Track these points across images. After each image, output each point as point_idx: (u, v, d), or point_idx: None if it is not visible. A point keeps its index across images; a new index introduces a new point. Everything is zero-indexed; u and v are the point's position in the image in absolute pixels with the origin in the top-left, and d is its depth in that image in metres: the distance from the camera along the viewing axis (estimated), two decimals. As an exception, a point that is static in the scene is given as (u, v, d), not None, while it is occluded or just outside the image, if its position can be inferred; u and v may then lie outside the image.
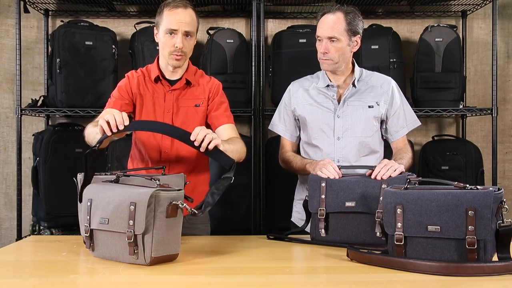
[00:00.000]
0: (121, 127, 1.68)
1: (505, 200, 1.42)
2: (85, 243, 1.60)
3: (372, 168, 1.84)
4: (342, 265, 1.52)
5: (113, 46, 3.03)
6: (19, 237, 2.98)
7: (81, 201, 1.62)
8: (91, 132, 1.87)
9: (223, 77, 2.86)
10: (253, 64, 3.01)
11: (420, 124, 2.26)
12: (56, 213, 2.98)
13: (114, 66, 3.02)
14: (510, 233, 1.40)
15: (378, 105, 2.15)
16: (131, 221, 1.45)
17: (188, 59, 2.09)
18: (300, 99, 2.21)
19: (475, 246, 1.37)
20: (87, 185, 1.61)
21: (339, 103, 2.15)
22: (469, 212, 1.38)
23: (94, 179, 1.65)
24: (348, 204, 1.78)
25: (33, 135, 3.17)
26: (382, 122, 2.20)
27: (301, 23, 3.20)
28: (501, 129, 3.29)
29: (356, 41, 2.12)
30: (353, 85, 2.16)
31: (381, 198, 1.67)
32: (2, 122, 3.34)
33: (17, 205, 2.99)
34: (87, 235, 1.57)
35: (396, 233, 1.47)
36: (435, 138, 3.27)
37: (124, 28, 3.31)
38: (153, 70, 2.08)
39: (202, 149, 1.69)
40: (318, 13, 2.17)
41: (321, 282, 1.37)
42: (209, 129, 1.79)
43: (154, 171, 1.88)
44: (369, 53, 2.96)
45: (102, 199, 1.53)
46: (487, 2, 3.08)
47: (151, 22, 3.04)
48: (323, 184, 1.83)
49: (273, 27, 3.33)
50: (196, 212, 1.54)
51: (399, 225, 1.46)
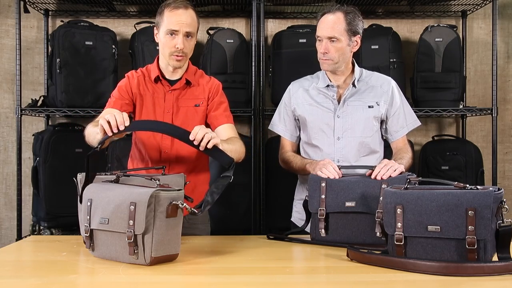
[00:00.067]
0: (121, 127, 1.68)
1: (505, 200, 1.42)
2: (85, 243, 1.60)
3: (372, 168, 1.84)
4: (342, 265, 1.52)
5: (113, 46, 3.03)
6: (19, 237, 2.98)
7: (81, 201, 1.62)
8: (92, 132, 1.87)
9: (223, 77, 2.86)
10: (253, 64, 3.00)
11: (420, 124, 2.26)
12: (56, 213, 2.98)
13: (114, 66, 3.02)
14: (510, 233, 1.40)
15: (378, 105, 2.15)
16: (131, 221, 1.45)
17: (188, 59, 2.09)
18: (300, 99, 2.21)
19: (475, 246, 1.37)
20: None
21: (339, 103, 2.15)
22: (469, 212, 1.38)
23: (94, 179, 1.65)
24: (348, 204, 1.78)
25: (33, 135, 3.17)
26: (382, 122, 2.20)
27: (301, 23, 3.20)
28: (501, 129, 3.29)
29: (356, 41, 2.12)
30: (353, 85, 2.16)
31: (381, 198, 1.67)
32: (2, 122, 3.34)
33: (17, 205, 2.99)
34: (87, 235, 1.57)
35: (396, 233, 1.47)
36: (435, 138, 3.27)
37: (124, 28, 3.31)
38: (153, 70, 2.08)
39: (202, 148, 1.70)
40: (318, 13, 2.17)
41: (321, 282, 1.37)
42: (209, 128, 1.79)
43: (154, 171, 1.88)
44: (369, 53, 2.96)
45: (102, 199, 1.53)
46: (487, 2, 3.08)
47: (151, 22, 3.04)
48: (323, 184, 1.83)
49: (273, 27, 3.33)
50: (196, 211, 1.54)
51: (399, 225, 1.46)
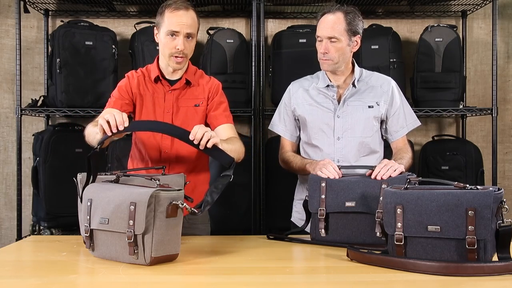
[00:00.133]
0: (121, 127, 1.68)
1: (505, 200, 1.42)
2: (85, 243, 1.60)
3: (372, 168, 1.84)
4: (342, 265, 1.52)
5: (113, 46, 3.03)
6: (19, 237, 2.98)
7: (82, 201, 1.62)
8: (91, 132, 1.87)
9: (223, 77, 2.86)
10: (253, 64, 3.00)
11: (420, 124, 2.26)
12: (56, 213, 2.98)
13: (114, 66, 3.02)
14: (510, 233, 1.40)
15: (378, 105, 2.15)
16: (131, 221, 1.45)
17: (189, 59, 2.09)
18: (300, 99, 2.21)
19: (475, 246, 1.37)
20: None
21: (339, 103, 2.15)
22: (469, 212, 1.38)
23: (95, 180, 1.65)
24: (348, 204, 1.78)
25: (33, 135, 3.17)
26: (382, 122, 2.20)
27: (301, 23, 3.20)
28: (501, 129, 3.29)
29: (356, 41, 2.12)
30: (353, 85, 2.16)
31: (381, 198, 1.67)
32: (2, 122, 3.34)
33: (17, 205, 2.99)
34: (87, 235, 1.57)
35: (396, 233, 1.47)
36: (435, 138, 3.27)
37: (124, 28, 3.31)
38: (153, 70, 2.08)
39: (201, 147, 1.70)
40: (318, 13, 2.17)
41: (321, 282, 1.37)
42: (208, 128, 1.79)
43: (154, 171, 1.88)
44: (369, 53, 2.96)
45: (102, 199, 1.53)
46: (487, 2, 3.08)
47: (151, 22, 3.04)
48: (323, 184, 1.83)
49: (273, 27, 3.32)
50: (196, 211, 1.54)
51: (399, 225, 1.46)
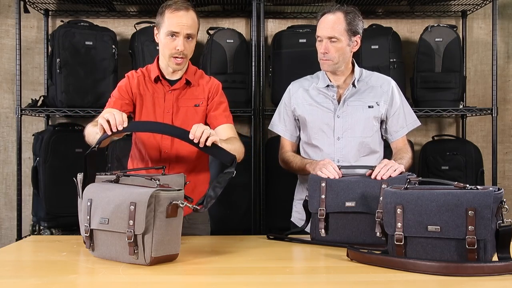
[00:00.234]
0: (120, 127, 1.68)
1: (505, 200, 1.42)
2: (85, 243, 1.60)
3: (372, 168, 1.84)
4: (342, 265, 1.52)
5: (113, 46, 3.03)
6: (19, 237, 2.98)
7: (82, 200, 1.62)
8: (91, 132, 1.88)
9: (223, 77, 2.86)
10: (253, 64, 3.00)
11: (420, 124, 2.26)
12: (56, 213, 2.98)
13: (114, 66, 3.02)
14: (510, 233, 1.40)
15: (378, 105, 2.15)
16: (131, 221, 1.45)
17: (189, 60, 2.09)
18: (300, 99, 2.21)
19: (475, 246, 1.37)
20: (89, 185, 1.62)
21: (339, 103, 2.15)
22: (469, 212, 1.38)
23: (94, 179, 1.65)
24: (348, 204, 1.78)
25: (33, 135, 3.17)
26: (382, 122, 2.20)
27: (301, 23, 3.20)
28: (501, 129, 3.29)
29: (356, 41, 2.12)
30: (353, 85, 2.16)
31: (381, 198, 1.67)
32: (2, 122, 3.34)
33: (17, 205, 2.99)
34: (87, 235, 1.57)
35: (396, 233, 1.47)
36: (435, 138, 3.27)
37: (124, 28, 3.31)
38: (153, 70, 2.08)
39: (201, 144, 1.69)
40: (318, 13, 2.17)
41: (321, 282, 1.37)
42: (207, 126, 1.79)
43: (154, 171, 1.88)
44: (369, 53, 2.96)
45: (102, 199, 1.53)
46: (487, 2, 3.08)
47: (151, 22, 3.04)
48: (323, 184, 1.83)
49: (273, 27, 3.33)
50: (198, 208, 1.54)
51: (399, 225, 1.46)
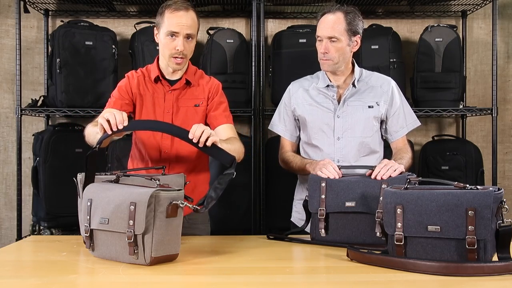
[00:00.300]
0: (120, 126, 1.68)
1: (505, 200, 1.42)
2: (85, 243, 1.60)
3: (372, 168, 1.84)
4: (342, 265, 1.52)
5: (113, 46, 3.03)
6: (19, 237, 2.98)
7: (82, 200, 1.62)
8: (91, 132, 1.88)
9: (223, 77, 2.86)
10: (253, 64, 3.00)
11: (420, 124, 2.26)
12: (56, 213, 2.98)
13: (114, 66, 3.02)
14: (510, 233, 1.40)
15: (378, 105, 2.15)
16: (131, 221, 1.45)
17: (188, 60, 2.09)
18: (300, 99, 2.21)
19: (475, 246, 1.37)
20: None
21: (339, 103, 2.15)
22: (469, 212, 1.38)
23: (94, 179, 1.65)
24: (348, 204, 1.78)
25: (33, 135, 3.17)
26: (382, 122, 2.20)
27: (301, 23, 3.20)
28: (501, 129, 3.29)
29: (356, 41, 2.12)
30: (353, 85, 2.16)
31: (381, 198, 1.67)
32: (2, 122, 3.34)
33: (17, 205, 2.99)
34: (87, 235, 1.57)
35: (396, 233, 1.47)
36: (435, 138, 3.27)
37: (124, 28, 3.31)
38: (153, 70, 2.08)
39: (201, 144, 1.69)
40: (318, 13, 2.17)
41: (321, 282, 1.37)
42: (207, 126, 1.78)
43: (154, 171, 1.88)
44: (369, 53, 2.96)
45: (102, 199, 1.53)
46: (487, 2, 3.08)
47: (151, 22, 3.04)
48: (323, 184, 1.83)
49: (273, 27, 3.33)
50: (199, 208, 1.54)
51: (399, 225, 1.46)
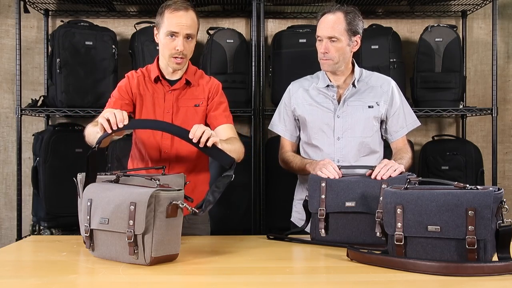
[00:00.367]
0: (120, 125, 1.68)
1: (505, 200, 1.42)
2: (85, 243, 1.60)
3: (372, 168, 1.84)
4: (342, 265, 1.52)
5: (113, 46, 3.03)
6: (19, 237, 2.98)
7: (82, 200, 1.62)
8: (92, 131, 1.88)
9: (223, 77, 2.86)
10: (253, 64, 3.00)
11: (420, 124, 2.26)
12: (56, 213, 2.98)
13: (114, 66, 3.02)
14: (510, 233, 1.40)
15: (378, 105, 2.15)
16: (131, 221, 1.45)
17: (188, 60, 2.09)
18: (300, 99, 2.21)
19: (475, 246, 1.37)
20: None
21: (339, 103, 2.15)
22: (469, 212, 1.38)
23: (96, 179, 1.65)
24: (348, 204, 1.78)
25: (33, 135, 3.17)
26: (382, 122, 2.20)
27: (301, 23, 3.20)
28: (501, 129, 3.29)
29: (356, 41, 2.12)
30: (353, 85, 2.16)
31: (381, 198, 1.67)
32: (2, 122, 3.33)
33: (17, 205, 2.99)
34: (87, 235, 1.57)
35: (396, 233, 1.47)
36: (435, 138, 3.27)
37: (124, 28, 3.31)
38: (153, 70, 2.08)
39: (201, 144, 1.69)
40: (318, 13, 2.17)
41: (321, 282, 1.37)
42: (208, 127, 1.79)
43: (154, 171, 1.88)
44: (369, 53, 2.96)
45: (102, 199, 1.53)
46: (487, 2, 3.08)
47: (151, 22, 3.04)
48: (323, 184, 1.83)
49: (273, 27, 3.33)
50: (197, 211, 1.54)
51: (399, 225, 1.46)
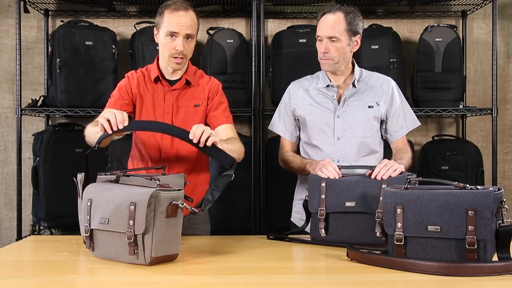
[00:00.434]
0: (120, 126, 1.68)
1: (505, 200, 1.42)
2: (85, 243, 1.60)
3: (372, 168, 1.84)
4: (342, 265, 1.52)
5: (113, 46, 3.03)
6: (19, 237, 2.98)
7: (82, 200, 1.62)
8: (92, 131, 1.88)
9: (223, 77, 2.86)
10: (253, 64, 3.00)
11: (420, 124, 2.26)
12: (56, 213, 2.98)
13: (114, 66, 3.02)
14: (510, 233, 1.40)
15: (378, 105, 2.15)
16: (131, 221, 1.45)
17: (188, 60, 2.09)
18: (300, 99, 2.21)
19: (475, 246, 1.37)
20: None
21: (339, 103, 2.15)
22: (469, 212, 1.38)
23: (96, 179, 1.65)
24: (348, 204, 1.78)
25: (33, 135, 3.17)
26: (382, 122, 2.20)
27: (301, 23, 3.20)
28: (501, 129, 3.29)
29: (356, 41, 2.12)
30: (353, 85, 2.16)
31: (381, 198, 1.67)
32: (2, 122, 3.33)
33: (17, 205, 2.99)
34: (87, 235, 1.57)
35: (396, 233, 1.47)
36: (435, 138, 3.27)
37: (124, 28, 3.31)
38: (153, 70, 2.08)
39: (201, 143, 1.69)
40: (318, 13, 2.17)
41: (321, 282, 1.37)
42: (207, 127, 1.79)
43: (154, 171, 1.88)
44: (369, 53, 2.96)
45: (102, 199, 1.53)
46: (487, 2, 3.08)
47: (151, 22, 3.04)
48: (323, 184, 1.83)
49: (273, 27, 3.32)
50: (196, 210, 1.54)
51: (399, 225, 1.46)
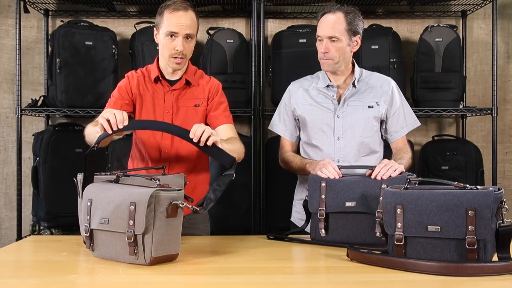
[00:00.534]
0: (120, 125, 1.68)
1: (505, 200, 1.42)
2: (85, 243, 1.60)
3: (372, 168, 1.84)
4: (342, 265, 1.52)
5: (113, 46, 3.03)
6: (19, 237, 2.98)
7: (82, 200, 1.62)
8: (92, 131, 1.88)
9: (223, 77, 2.86)
10: (253, 64, 3.00)
11: (420, 124, 2.26)
12: (56, 213, 2.98)
13: (114, 66, 3.02)
14: (510, 233, 1.40)
15: (378, 105, 2.15)
16: (131, 221, 1.45)
17: (188, 60, 2.09)
18: (300, 99, 2.21)
19: (475, 246, 1.37)
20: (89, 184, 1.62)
21: (339, 103, 2.15)
22: (469, 212, 1.38)
23: (94, 179, 1.65)
24: (348, 204, 1.78)
25: (33, 135, 3.17)
26: (382, 122, 2.20)
27: (301, 23, 3.20)
28: (501, 129, 3.29)
29: (356, 41, 2.12)
30: (353, 85, 2.16)
31: (381, 198, 1.67)
32: (2, 122, 3.33)
33: (17, 205, 2.99)
34: (87, 235, 1.57)
35: (396, 233, 1.47)
36: (435, 138, 3.27)
37: (124, 28, 3.31)
38: (152, 70, 2.08)
39: (202, 143, 1.69)
40: (318, 13, 2.17)
41: (321, 282, 1.37)
42: (208, 126, 1.78)
43: (154, 171, 1.88)
44: (369, 53, 2.96)
45: (102, 199, 1.53)
46: (487, 2, 3.08)
47: (151, 22, 3.04)
48: (323, 184, 1.83)
49: (273, 27, 3.33)
50: (198, 209, 1.54)
51: (399, 225, 1.46)
